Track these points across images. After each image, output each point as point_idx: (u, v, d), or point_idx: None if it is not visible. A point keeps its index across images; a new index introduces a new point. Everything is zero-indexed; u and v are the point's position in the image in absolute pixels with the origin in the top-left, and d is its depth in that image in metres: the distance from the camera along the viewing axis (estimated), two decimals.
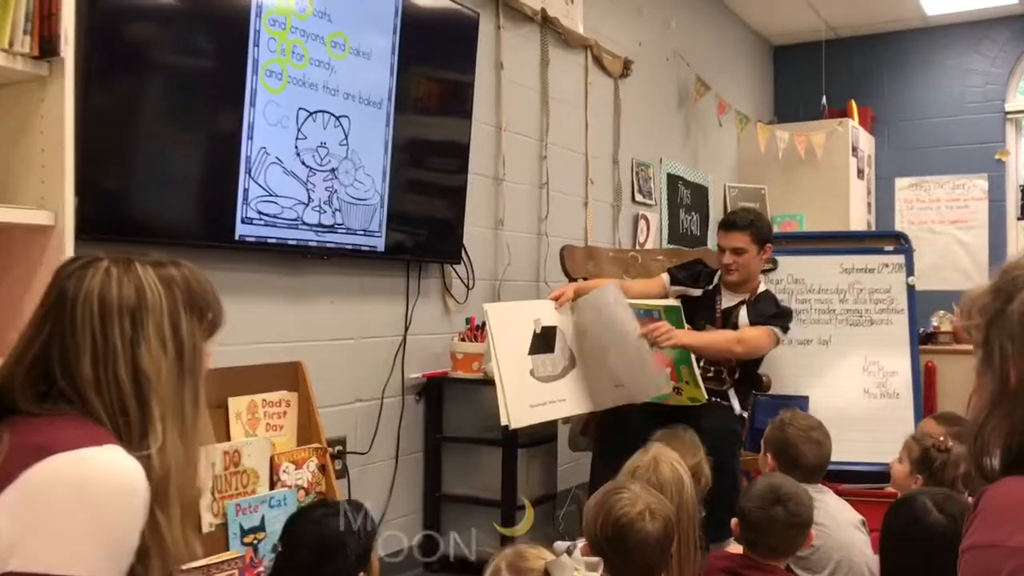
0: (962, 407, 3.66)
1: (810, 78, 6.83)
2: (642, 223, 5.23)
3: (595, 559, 1.53)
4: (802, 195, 6.30)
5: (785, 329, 3.42)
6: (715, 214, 6.18)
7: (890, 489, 3.02)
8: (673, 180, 5.65)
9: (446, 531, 3.58)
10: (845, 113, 6.47)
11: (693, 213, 5.92)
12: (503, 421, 2.98)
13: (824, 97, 6.54)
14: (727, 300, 3.48)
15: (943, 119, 6.74)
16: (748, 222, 3.42)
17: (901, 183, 6.89)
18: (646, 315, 3.48)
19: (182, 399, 1.28)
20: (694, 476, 2.45)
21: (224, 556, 2.44)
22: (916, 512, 1.84)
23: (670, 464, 2.16)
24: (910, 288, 3.94)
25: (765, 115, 6.88)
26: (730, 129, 6.25)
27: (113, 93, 2.38)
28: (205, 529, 2.47)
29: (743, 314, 3.41)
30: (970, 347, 4.05)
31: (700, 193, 6.04)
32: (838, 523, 2.58)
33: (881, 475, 3.52)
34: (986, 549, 1.07)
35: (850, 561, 2.51)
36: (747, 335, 3.33)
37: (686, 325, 3.51)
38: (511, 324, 3.12)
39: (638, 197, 5.21)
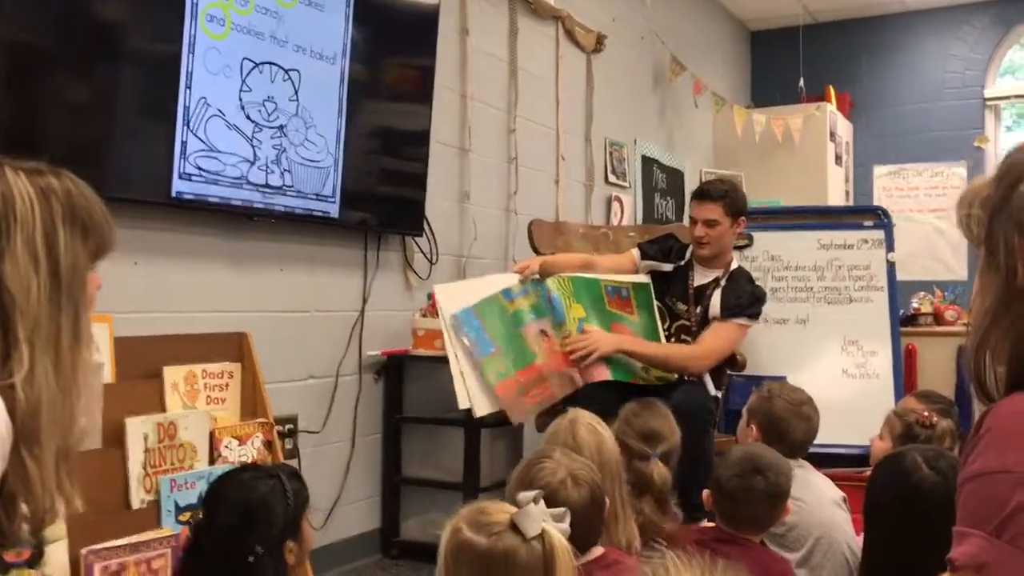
0: (944, 391, 3.53)
1: (787, 63, 6.70)
2: (615, 205, 5.07)
3: (561, 509, 1.37)
4: (779, 181, 6.15)
5: (757, 315, 3.29)
6: (690, 200, 6.03)
7: (867, 473, 2.89)
8: (648, 162, 5.50)
9: (406, 516, 3.42)
10: (823, 98, 6.35)
11: (668, 198, 5.78)
12: (461, 405, 2.83)
13: (802, 80, 6.41)
14: (700, 277, 3.34)
15: (922, 105, 6.64)
16: (722, 192, 3.28)
17: (879, 170, 6.78)
18: (614, 292, 3.34)
19: (57, 326, 1.11)
20: (669, 452, 2.31)
21: (156, 534, 2.26)
22: (905, 468, 1.70)
23: (587, 424, 2.03)
24: (890, 264, 3.80)
25: (741, 100, 6.75)
26: (706, 112, 6.11)
27: (33, 31, 2.18)
28: (135, 506, 2.30)
29: (715, 301, 3.26)
30: (952, 328, 3.92)
31: (676, 177, 5.89)
32: (820, 501, 2.46)
33: (860, 458, 3.39)
34: (992, 476, 0.92)
35: (830, 538, 2.39)
36: (706, 349, 3.19)
37: (655, 302, 3.37)
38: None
39: (611, 178, 5.05)
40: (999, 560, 0.90)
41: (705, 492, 2.12)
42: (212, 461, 2.49)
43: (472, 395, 2.84)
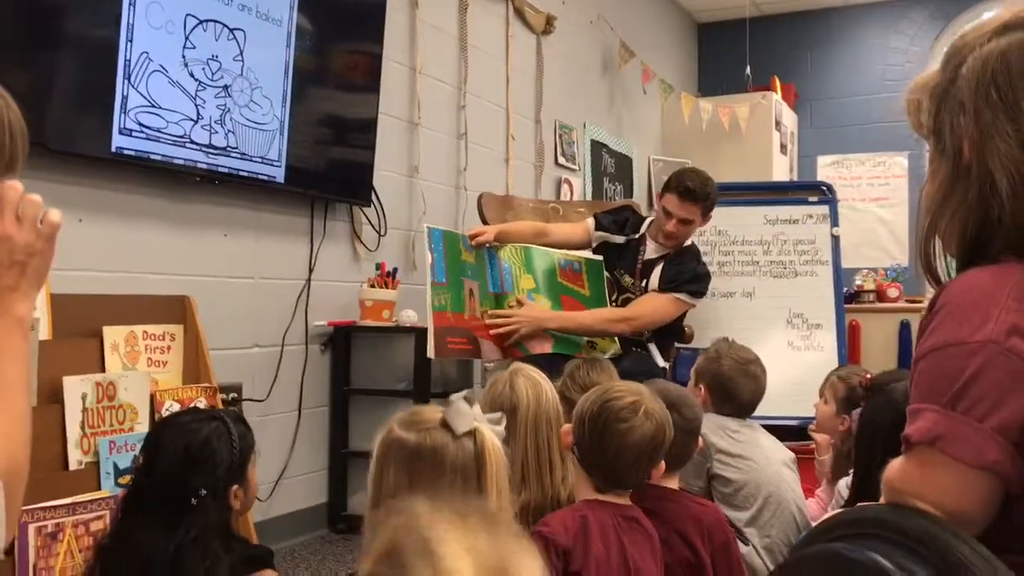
0: (885, 367, 3.58)
1: (734, 55, 6.78)
2: (565, 187, 5.08)
3: (497, 414, 1.35)
4: (725, 169, 6.14)
5: (698, 294, 3.30)
6: (639, 186, 6.08)
7: (813, 444, 2.92)
8: (597, 147, 5.52)
9: (353, 490, 3.37)
10: (769, 89, 6.43)
11: (617, 183, 5.80)
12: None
13: (748, 69, 6.49)
14: (650, 251, 3.35)
15: (864, 97, 6.76)
16: (706, 195, 3.23)
17: (823, 160, 6.89)
18: (567, 265, 3.34)
19: None
20: None
21: (93, 495, 2.19)
22: (896, 399, 1.71)
23: (527, 376, 2.01)
24: (835, 239, 3.86)
25: (689, 88, 6.80)
26: (654, 99, 6.15)
27: None
28: (73, 467, 2.23)
29: (656, 273, 3.27)
30: (895, 305, 3.98)
31: (624, 163, 5.92)
32: (768, 460, 2.48)
33: (805, 430, 3.43)
34: (945, 350, 0.92)
35: (779, 497, 2.42)
36: (635, 312, 3.19)
37: (606, 274, 3.38)
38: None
39: (561, 160, 5.06)
40: (953, 431, 0.91)
41: None
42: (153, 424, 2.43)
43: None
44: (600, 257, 3.38)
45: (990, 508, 0.91)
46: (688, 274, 3.27)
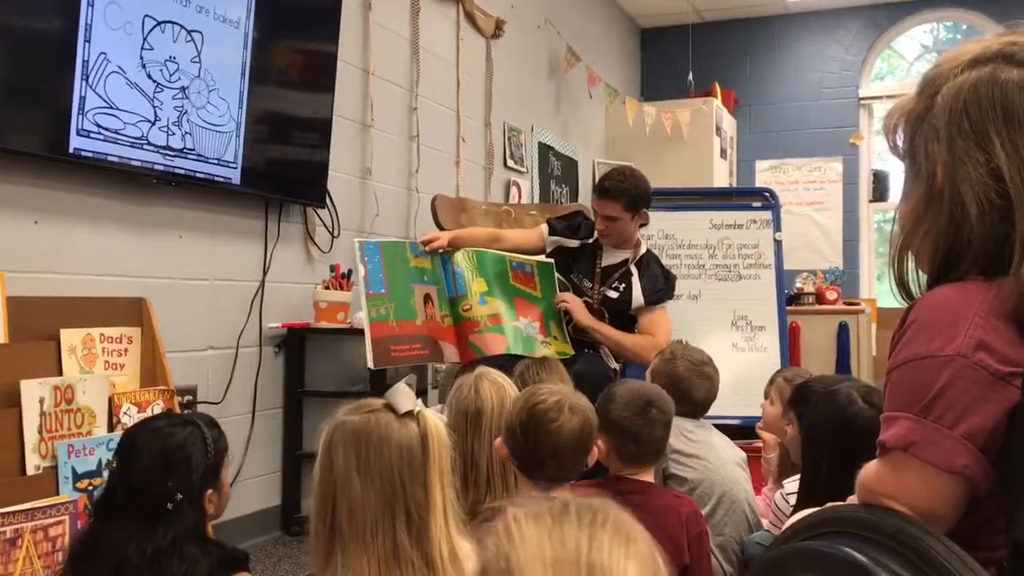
0: (825, 367, 3.70)
1: (676, 60, 6.92)
2: (514, 189, 5.13)
3: (438, 406, 1.40)
4: (667, 173, 6.29)
5: (673, 294, 3.44)
6: (584, 188, 6.16)
7: (758, 444, 3.00)
8: (544, 149, 5.59)
9: (307, 492, 3.37)
10: (710, 94, 6.57)
11: (563, 185, 5.88)
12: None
13: (691, 75, 6.62)
14: (608, 257, 3.40)
15: (801, 103, 6.95)
16: (621, 191, 3.29)
17: (761, 165, 7.07)
18: (519, 268, 3.38)
19: None
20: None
21: (52, 500, 2.17)
22: (840, 402, 1.78)
23: (491, 380, 2.04)
24: (777, 243, 3.98)
25: (632, 93, 6.92)
26: (599, 104, 6.24)
27: None
28: (31, 472, 2.21)
29: (636, 292, 3.33)
30: (833, 307, 4.11)
31: (571, 166, 6.00)
32: (722, 460, 2.53)
33: (750, 430, 3.53)
34: (918, 362, 0.99)
35: (732, 496, 2.46)
36: (662, 339, 3.26)
37: (559, 277, 3.43)
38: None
39: (510, 163, 5.11)
40: (926, 438, 0.98)
41: (599, 442, 2.13)
42: (111, 427, 2.41)
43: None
44: (552, 260, 3.44)
45: (959, 508, 0.99)
46: (661, 282, 3.39)
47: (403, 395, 1.33)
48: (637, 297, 3.32)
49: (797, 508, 2.02)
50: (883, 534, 0.93)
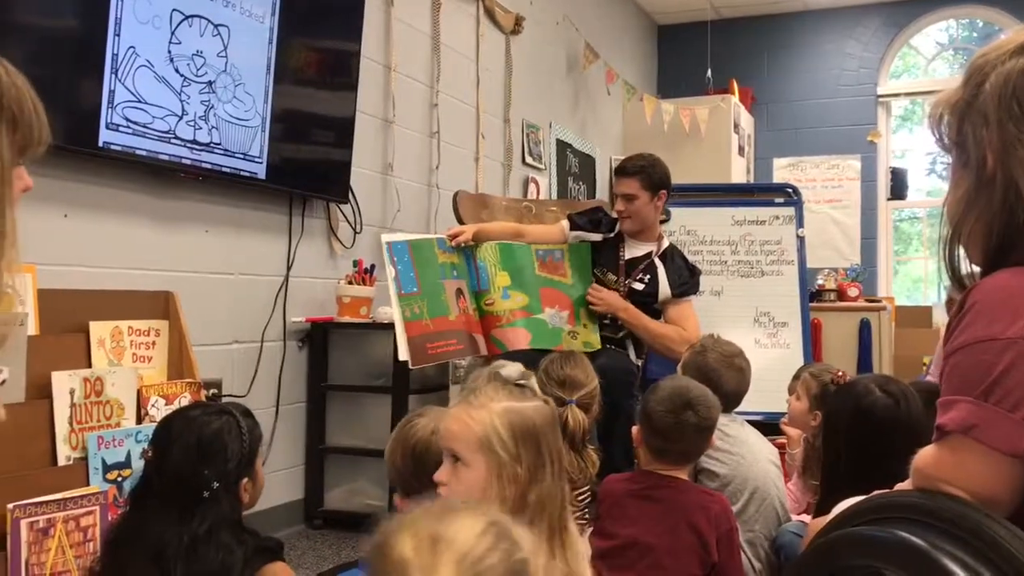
0: (846, 364, 3.66)
1: (693, 58, 6.90)
2: (532, 186, 5.13)
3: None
4: (685, 170, 6.24)
5: (698, 288, 3.44)
6: (602, 186, 6.15)
7: (782, 440, 2.99)
8: (562, 146, 5.59)
9: (330, 486, 3.38)
10: (727, 91, 6.55)
11: (581, 183, 5.87)
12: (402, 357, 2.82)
13: (709, 72, 6.60)
14: (631, 250, 3.40)
15: (819, 101, 6.93)
16: (638, 168, 3.35)
17: (779, 163, 7.04)
18: (546, 255, 3.38)
19: None
20: (588, 403, 2.34)
21: (83, 491, 2.18)
22: (858, 392, 1.78)
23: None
24: (800, 239, 3.96)
25: (649, 90, 6.90)
26: (617, 101, 6.23)
27: None
28: (62, 462, 2.22)
29: (664, 284, 3.34)
30: (855, 304, 4.09)
31: (588, 163, 6.00)
32: (755, 456, 2.50)
33: (772, 426, 3.52)
34: (980, 344, 0.99)
35: (764, 493, 2.43)
36: (692, 332, 3.26)
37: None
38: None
39: (528, 159, 5.11)
40: (987, 420, 0.97)
41: (635, 428, 2.14)
42: (139, 420, 2.42)
43: (399, 338, 2.83)
44: (586, 243, 3.42)
45: (1018, 493, 0.98)
46: (686, 274, 3.40)
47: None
48: (664, 289, 3.31)
49: (820, 499, 2.02)
50: (942, 519, 0.92)
